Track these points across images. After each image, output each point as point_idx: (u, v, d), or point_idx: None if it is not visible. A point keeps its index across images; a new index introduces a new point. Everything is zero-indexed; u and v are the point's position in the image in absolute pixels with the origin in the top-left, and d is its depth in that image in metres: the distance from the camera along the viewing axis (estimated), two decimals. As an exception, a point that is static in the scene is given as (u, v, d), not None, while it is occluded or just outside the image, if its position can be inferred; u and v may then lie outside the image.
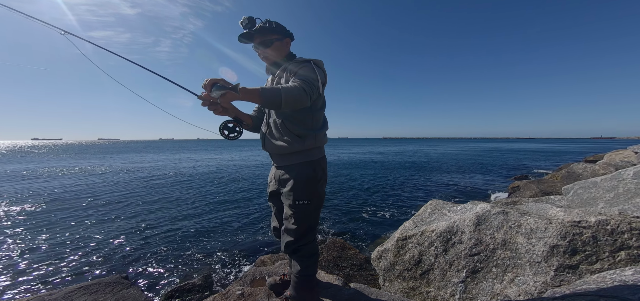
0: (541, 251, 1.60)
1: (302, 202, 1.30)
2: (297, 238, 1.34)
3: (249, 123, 1.49)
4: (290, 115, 1.30)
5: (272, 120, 1.38)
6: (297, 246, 1.36)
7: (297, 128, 1.30)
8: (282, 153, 1.36)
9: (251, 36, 1.34)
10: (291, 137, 1.30)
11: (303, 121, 1.32)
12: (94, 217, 5.10)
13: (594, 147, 39.82)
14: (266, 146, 1.42)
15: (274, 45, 1.35)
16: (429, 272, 1.90)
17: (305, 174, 1.31)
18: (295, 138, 1.30)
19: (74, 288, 1.88)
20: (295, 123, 1.30)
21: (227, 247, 3.78)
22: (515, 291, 1.55)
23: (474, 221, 1.91)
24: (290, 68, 1.31)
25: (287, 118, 1.31)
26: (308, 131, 1.32)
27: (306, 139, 1.31)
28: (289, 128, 1.31)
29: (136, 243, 3.88)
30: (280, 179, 1.40)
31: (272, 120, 1.38)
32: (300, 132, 1.30)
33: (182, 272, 3.09)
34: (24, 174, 11.06)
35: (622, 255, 1.46)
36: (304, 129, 1.31)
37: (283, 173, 1.37)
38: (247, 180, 9.56)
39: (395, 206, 5.94)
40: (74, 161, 18.39)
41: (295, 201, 1.30)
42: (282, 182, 1.39)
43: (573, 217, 1.67)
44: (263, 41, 1.33)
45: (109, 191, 7.61)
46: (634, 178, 2.36)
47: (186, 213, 5.43)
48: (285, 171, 1.36)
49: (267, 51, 1.35)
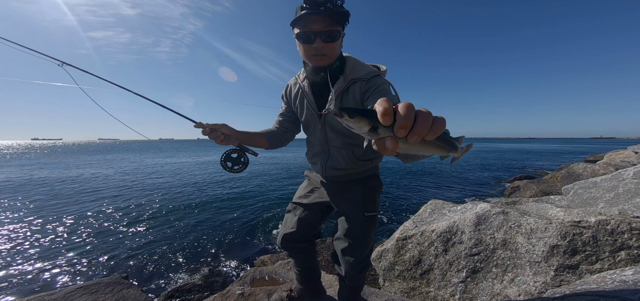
0: (541, 251, 1.60)
1: (371, 214, 1.17)
2: (367, 253, 1.21)
3: (264, 146, 1.26)
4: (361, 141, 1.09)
5: (334, 148, 1.17)
6: (367, 263, 1.23)
7: (367, 155, 1.16)
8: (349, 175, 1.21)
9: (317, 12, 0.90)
10: (361, 165, 1.17)
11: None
12: (94, 217, 5.10)
13: (594, 147, 39.82)
14: (327, 173, 1.23)
15: (341, 40, 1.02)
16: (429, 272, 1.90)
17: (373, 185, 1.21)
18: (365, 164, 1.18)
19: (74, 288, 1.88)
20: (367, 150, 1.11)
21: (227, 247, 3.78)
22: (515, 291, 1.55)
23: (474, 221, 1.91)
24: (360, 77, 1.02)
25: (358, 146, 1.13)
26: (377, 155, 1.19)
27: (375, 160, 1.21)
28: (358, 157, 1.15)
29: (136, 243, 3.88)
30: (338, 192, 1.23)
31: (334, 147, 1.17)
32: (370, 156, 1.17)
33: (182, 272, 3.09)
34: (23, 174, 11.06)
35: (622, 255, 1.46)
36: (373, 153, 1.16)
37: (345, 187, 1.21)
38: (247, 180, 9.55)
39: (395, 206, 5.93)
40: (74, 161, 18.38)
41: (365, 213, 1.16)
42: (341, 195, 1.22)
43: (573, 217, 1.67)
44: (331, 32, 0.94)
45: (109, 191, 7.61)
46: (634, 178, 2.36)
47: (186, 213, 5.43)
48: (347, 183, 1.21)
49: (331, 46, 0.98)
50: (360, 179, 1.20)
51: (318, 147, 1.23)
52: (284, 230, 1.35)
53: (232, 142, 1.13)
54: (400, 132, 0.37)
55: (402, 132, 0.36)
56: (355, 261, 1.18)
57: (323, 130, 1.16)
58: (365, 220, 1.16)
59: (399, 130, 0.36)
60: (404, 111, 0.36)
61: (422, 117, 0.37)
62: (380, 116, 0.37)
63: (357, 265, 1.19)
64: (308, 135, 1.30)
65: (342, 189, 1.22)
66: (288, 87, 1.29)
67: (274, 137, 1.29)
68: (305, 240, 1.35)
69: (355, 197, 1.18)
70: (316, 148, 1.24)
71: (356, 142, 1.13)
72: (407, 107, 0.37)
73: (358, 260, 1.19)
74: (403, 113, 0.36)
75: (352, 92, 1.04)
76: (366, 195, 1.18)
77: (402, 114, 0.36)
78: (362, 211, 1.16)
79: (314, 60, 1.01)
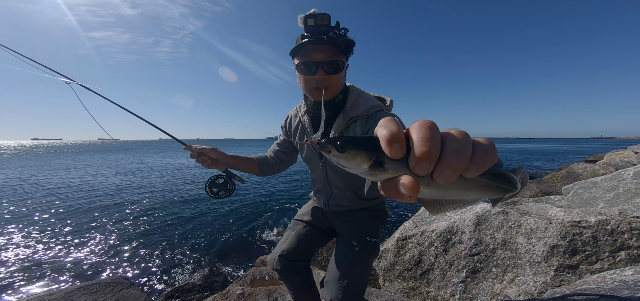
0: (541, 251, 1.60)
1: (373, 239, 1.08)
2: (363, 283, 1.08)
3: (254, 172, 1.21)
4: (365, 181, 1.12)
5: (336, 188, 1.11)
6: (360, 294, 1.08)
7: (371, 193, 1.09)
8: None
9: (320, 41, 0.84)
10: (367, 203, 1.11)
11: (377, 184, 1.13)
12: (94, 217, 5.10)
13: (594, 147, 39.82)
14: (330, 209, 1.17)
15: (345, 71, 0.94)
16: (429, 272, 1.90)
17: (378, 214, 1.16)
18: (371, 202, 1.12)
19: (74, 288, 1.88)
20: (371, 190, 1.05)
21: (228, 247, 3.79)
22: (515, 291, 1.55)
23: (474, 221, 1.91)
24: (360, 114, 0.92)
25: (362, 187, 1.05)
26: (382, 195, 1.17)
27: (378, 199, 1.14)
28: (363, 198, 1.09)
29: (136, 243, 3.88)
30: (341, 214, 1.15)
31: (335, 187, 1.12)
32: (374, 195, 1.10)
33: (182, 272, 3.09)
34: (23, 174, 11.05)
35: (622, 255, 1.46)
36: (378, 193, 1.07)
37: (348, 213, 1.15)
38: (247, 180, 9.56)
39: (395, 206, 5.94)
40: (73, 161, 18.38)
41: (366, 237, 1.07)
42: (343, 219, 1.15)
43: (573, 217, 1.67)
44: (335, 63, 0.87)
45: (109, 191, 7.61)
46: (634, 178, 2.36)
47: (186, 213, 5.43)
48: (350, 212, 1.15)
49: (334, 78, 0.89)
50: (365, 208, 1.14)
51: (320, 185, 1.17)
52: (282, 246, 1.20)
53: (219, 167, 1.08)
54: (422, 166, 0.23)
55: (424, 166, 0.23)
56: (349, 288, 1.00)
57: (324, 170, 1.09)
58: (366, 244, 1.06)
59: (419, 163, 0.23)
60: (421, 132, 0.24)
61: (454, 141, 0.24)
62: (384, 143, 0.24)
63: (350, 292, 1.00)
64: (309, 170, 1.23)
65: (345, 215, 1.16)
66: (288, 118, 1.22)
67: (266, 164, 1.25)
68: (304, 258, 1.23)
69: (358, 220, 1.11)
70: (318, 185, 1.19)
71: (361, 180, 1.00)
72: (425, 125, 0.24)
73: (352, 286, 1.01)
74: (421, 135, 0.23)
75: (352, 131, 0.94)
76: (369, 221, 1.12)
77: (420, 137, 0.23)
78: (363, 234, 1.08)
79: (315, 93, 0.91)
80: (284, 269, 1.17)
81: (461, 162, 0.23)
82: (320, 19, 0.83)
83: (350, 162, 0.27)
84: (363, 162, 0.27)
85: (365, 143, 0.27)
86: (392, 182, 0.26)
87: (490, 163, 0.25)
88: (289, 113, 1.22)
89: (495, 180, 0.28)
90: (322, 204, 1.19)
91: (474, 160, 0.24)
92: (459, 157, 0.23)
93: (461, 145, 0.24)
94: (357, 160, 0.27)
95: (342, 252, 1.07)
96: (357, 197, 1.08)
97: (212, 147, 1.09)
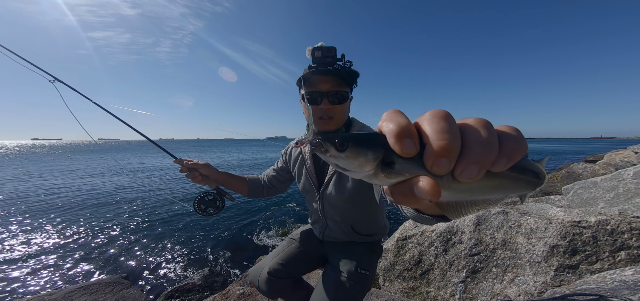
0: (541, 251, 1.60)
1: (364, 272, 1.02)
2: None
3: (243, 192, 1.20)
4: (363, 217, 1.03)
5: (332, 221, 1.08)
6: None
7: (369, 229, 1.07)
8: None
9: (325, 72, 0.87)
10: (362, 238, 1.08)
11: (375, 221, 1.07)
12: (94, 217, 5.10)
13: (594, 147, 39.84)
14: (324, 239, 1.15)
15: (349, 102, 0.96)
16: (429, 272, 1.90)
17: (373, 248, 1.11)
18: (367, 237, 1.09)
19: (74, 288, 1.88)
20: (369, 225, 1.06)
21: (228, 247, 3.79)
22: (515, 291, 1.55)
23: (474, 221, 1.91)
24: None
25: (359, 222, 1.05)
26: (379, 231, 1.10)
27: (377, 235, 1.11)
28: (359, 232, 1.07)
29: (136, 243, 3.88)
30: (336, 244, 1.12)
31: (332, 220, 1.08)
32: (371, 231, 1.08)
33: (182, 272, 3.09)
34: (23, 174, 11.05)
35: (622, 255, 1.46)
36: (375, 230, 1.08)
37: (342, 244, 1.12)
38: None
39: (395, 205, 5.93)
40: (73, 161, 18.38)
41: (358, 268, 1.02)
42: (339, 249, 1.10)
43: (573, 217, 1.67)
44: (340, 93, 0.90)
45: (109, 191, 7.61)
46: (634, 178, 2.36)
47: (186, 213, 5.43)
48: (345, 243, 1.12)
49: (338, 109, 0.92)
50: (359, 242, 1.10)
51: (315, 216, 1.15)
52: (271, 263, 1.13)
53: (210, 183, 1.08)
54: (441, 164, 0.19)
55: (444, 163, 0.19)
56: None
57: (320, 203, 1.07)
58: (357, 276, 1.00)
59: (438, 161, 0.19)
60: (436, 124, 0.20)
61: (476, 132, 0.20)
62: (394, 140, 0.20)
63: None
64: (307, 198, 1.20)
65: (340, 245, 1.12)
66: (289, 147, 1.23)
67: (256, 186, 1.24)
68: (293, 276, 1.18)
69: (352, 251, 1.07)
70: (314, 216, 1.17)
71: (358, 216, 1.01)
72: (440, 115, 0.20)
73: None
74: (437, 127, 0.20)
75: None
76: (364, 252, 1.06)
77: (435, 129, 0.20)
78: (355, 266, 1.02)
79: (319, 123, 0.93)
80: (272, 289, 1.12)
81: (489, 154, 0.20)
82: (326, 51, 0.86)
83: (352, 163, 0.22)
84: (367, 162, 0.22)
85: (369, 140, 0.22)
86: (406, 186, 0.21)
87: (521, 153, 0.21)
88: (291, 143, 1.23)
89: (524, 173, 0.23)
90: (317, 233, 1.18)
91: (503, 151, 0.20)
92: (485, 149, 0.20)
93: (486, 135, 0.20)
94: (360, 160, 0.22)
95: (330, 280, 1.02)
96: (354, 231, 1.05)
97: (205, 162, 1.08)
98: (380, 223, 1.09)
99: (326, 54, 0.87)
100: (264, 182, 1.27)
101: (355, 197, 0.98)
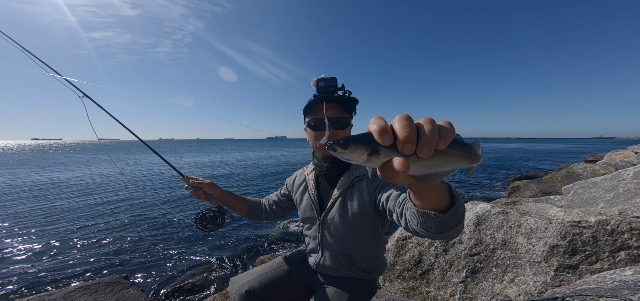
0: (541, 251, 1.60)
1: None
2: None
3: (242, 213, 1.22)
4: (362, 247, 1.00)
5: (329, 251, 1.05)
6: None
7: (366, 263, 1.02)
8: None
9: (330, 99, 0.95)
10: (359, 273, 1.03)
11: (374, 255, 1.03)
12: (94, 217, 5.10)
13: (594, 147, 39.84)
14: (318, 270, 1.11)
15: (350, 129, 1.02)
16: (429, 272, 1.90)
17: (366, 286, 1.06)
18: (363, 273, 1.03)
19: (74, 288, 1.88)
20: (367, 258, 1.02)
21: (227, 247, 3.79)
22: (515, 291, 1.55)
23: (474, 221, 1.91)
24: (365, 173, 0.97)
25: (357, 253, 1.01)
26: (378, 266, 1.05)
27: (374, 272, 1.05)
28: (355, 264, 1.02)
29: (136, 243, 3.88)
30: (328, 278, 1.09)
31: (329, 251, 1.05)
32: (368, 267, 1.03)
33: (182, 272, 3.09)
34: (23, 174, 11.06)
35: (622, 255, 1.46)
36: (373, 266, 1.04)
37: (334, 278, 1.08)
38: (247, 180, 9.55)
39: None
40: (73, 161, 18.38)
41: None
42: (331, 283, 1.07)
43: (573, 217, 1.67)
44: (342, 119, 0.97)
45: (109, 191, 7.61)
46: (634, 178, 2.36)
47: (186, 213, 5.44)
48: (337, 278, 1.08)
49: (341, 134, 0.97)
50: (355, 278, 1.05)
51: (313, 245, 1.12)
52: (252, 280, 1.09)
53: (212, 201, 1.13)
54: (407, 147, 0.30)
55: (408, 147, 0.30)
56: None
57: (319, 230, 1.06)
58: None
59: (405, 145, 0.30)
60: (401, 122, 0.31)
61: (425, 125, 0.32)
62: (377, 135, 0.32)
63: None
64: (304, 227, 1.17)
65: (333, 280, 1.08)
66: (295, 175, 1.25)
67: (256, 209, 1.26)
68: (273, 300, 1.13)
69: (343, 287, 1.03)
70: (311, 245, 1.13)
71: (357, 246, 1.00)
72: (403, 117, 0.32)
73: None
74: (401, 124, 0.31)
75: (357, 189, 0.98)
76: (356, 291, 1.02)
77: (401, 126, 0.31)
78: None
79: (323, 149, 0.97)
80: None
81: (433, 138, 0.31)
82: (329, 81, 0.97)
83: (353, 154, 0.34)
84: (363, 152, 0.33)
85: (362, 138, 0.33)
86: (388, 164, 0.33)
87: (451, 136, 0.33)
88: (296, 172, 1.26)
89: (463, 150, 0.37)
90: (312, 264, 1.14)
91: (441, 135, 0.32)
92: (431, 135, 0.31)
93: (430, 127, 0.31)
94: (359, 152, 0.33)
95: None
96: (351, 262, 1.02)
97: (210, 181, 1.12)
98: (379, 260, 1.06)
99: (329, 83, 0.97)
100: (264, 206, 1.30)
101: (357, 224, 0.96)
